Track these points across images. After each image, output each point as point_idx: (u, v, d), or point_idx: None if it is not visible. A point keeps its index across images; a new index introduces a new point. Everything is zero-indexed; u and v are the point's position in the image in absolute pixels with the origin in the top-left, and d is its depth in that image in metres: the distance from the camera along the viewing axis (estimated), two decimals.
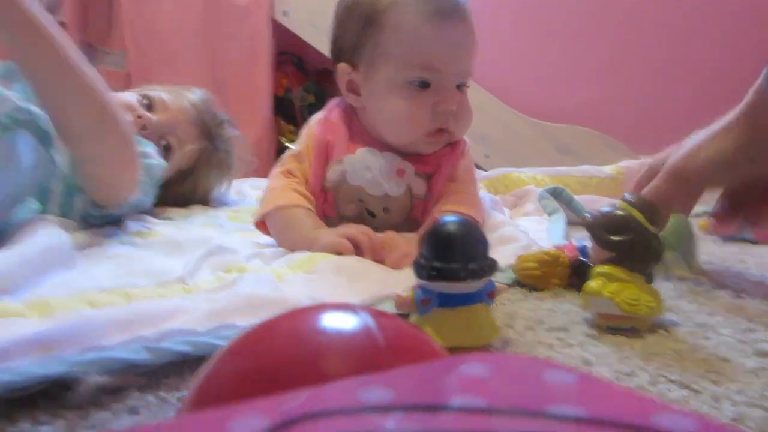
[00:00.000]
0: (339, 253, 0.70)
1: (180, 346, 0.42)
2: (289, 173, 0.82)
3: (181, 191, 1.18)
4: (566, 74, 2.50)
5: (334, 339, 0.23)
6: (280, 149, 1.81)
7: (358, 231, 0.73)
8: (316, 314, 0.25)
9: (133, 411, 0.37)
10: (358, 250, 0.71)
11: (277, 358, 0.22)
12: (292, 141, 1.33)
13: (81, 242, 0.74)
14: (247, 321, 0.46)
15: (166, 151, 1.11)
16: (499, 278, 0.65)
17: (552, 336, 0.50)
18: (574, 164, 1.53)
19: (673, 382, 0.41)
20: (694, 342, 0.49)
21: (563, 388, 0.16)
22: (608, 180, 1.34)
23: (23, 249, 0.62)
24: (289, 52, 2.06)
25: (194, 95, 1.20)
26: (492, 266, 0.44)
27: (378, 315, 0.24)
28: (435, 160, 0.82)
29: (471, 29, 0.78)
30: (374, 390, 0.15)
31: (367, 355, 0.21)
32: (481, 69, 0.86)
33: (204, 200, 1.24)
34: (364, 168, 0.79)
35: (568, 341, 0.49)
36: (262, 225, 0.82)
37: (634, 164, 1.40)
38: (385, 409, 0.14)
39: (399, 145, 0.81)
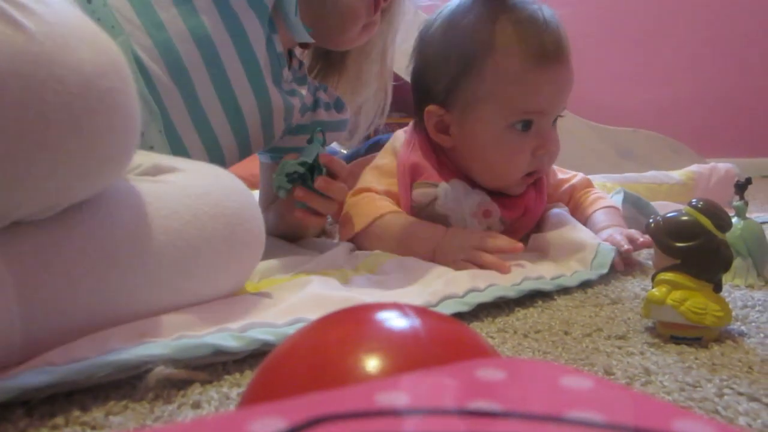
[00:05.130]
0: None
1: (264, 335, 0.45)
2: (365, 189, 0.82)
3: None
4: (627, 76, 2.43)
5: (380, 338, 0.23)
6: None
7: (493, 258, 0.68)
8: (365, 314, 0.25)
9: (196, 405, 0.38)
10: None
11: (325, 357, 0.23)
12: None
13: None
14: (316, 316, 0.49)
15: None
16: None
17: (611, 344, 0.49)
18: (635, 168, 1.49)
19: (741, 394, 0.39)
20: (765, 354, 0.47)
21: (581, 393, 0.15)
22: (678, 186, 1.30)
23: None
24: None
25: None
26: None
27: (426, 315, 0.24)
28: (521, 204, 0.81)
29: (572, 67, 0.76)
30: (391, 393, 0.15)
31: (411, 355, 0.22)
32: None
33: None
34: (455, 200, 0.78)
35: (628, 349, 0.48)
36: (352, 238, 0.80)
37: (704, 169, 1.35)
38: (402, 412, 0.14)
39: (489, 187, 0.80)
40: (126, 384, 0.40)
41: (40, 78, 0.35)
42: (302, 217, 0.74)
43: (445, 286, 0.59)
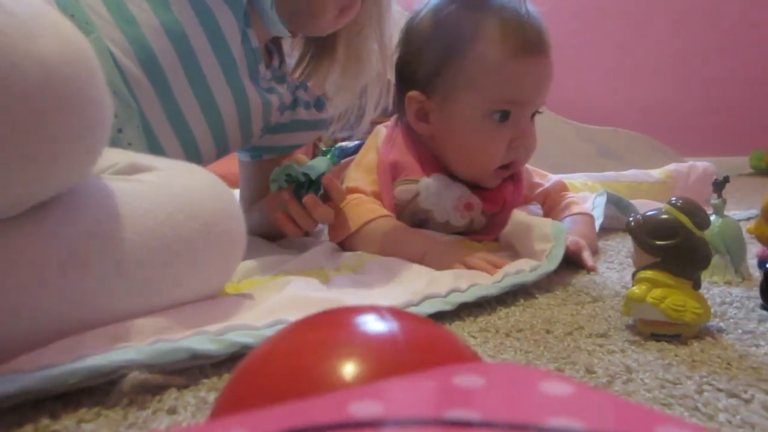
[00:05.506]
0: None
1: (242, 338, 0.44)
2: (354, 190, 0.81)
3: None
4: (608, 76, 2.45)
5: (357, 343, 0.23)
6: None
7: (481, 261, 0.67)
8: (342, 318, 0.25)
9: (172, 411, 0.38)
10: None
11: (301, 362, 0.22)
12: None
13: None
14: (296, 317, 0.48)
15: None
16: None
17: (592, 342, 0.49)
18: (615, 167, 1.50)
19: (720, 390, 0.39)
20: (743, 350, 0.47)
21: (561, 399, 0.15)
22: (658, 185, 1.31)
23: None
24: None
25: None
26: None
27: (404, 318, 0.24)
28: (501, 197, 0.82)
29: (551, 62, 0.77)
30: (366, 403, 0.15)
31: (389, 359, 0.21)
32: None
33: None
34: (437, 195, 0.79)
35: (609, 347, 0.48)
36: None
37: (683, 167, 1.37)
38: (376, 423, 0.14)
39: (465, 177, 0.80)
40: (99, 390, 0.39)
41: (1, 69, 0.33)
42: (281, 219, 0.73)
43: (427, 286, 0.58)
